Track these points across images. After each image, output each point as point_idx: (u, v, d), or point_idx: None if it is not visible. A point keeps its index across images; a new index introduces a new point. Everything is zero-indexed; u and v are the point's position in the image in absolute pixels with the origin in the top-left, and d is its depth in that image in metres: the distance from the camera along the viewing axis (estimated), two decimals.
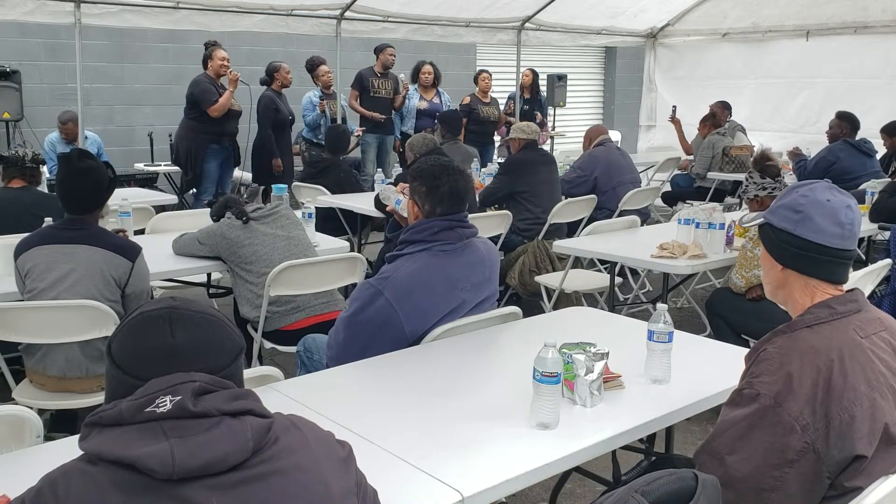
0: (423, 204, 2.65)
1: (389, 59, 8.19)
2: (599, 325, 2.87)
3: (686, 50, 9.91)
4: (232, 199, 3.69)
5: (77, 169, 3.00)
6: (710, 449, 1.75)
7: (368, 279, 2.66)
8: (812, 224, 1.76)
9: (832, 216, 1.75)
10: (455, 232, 2.64)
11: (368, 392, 2.25)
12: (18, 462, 1.76)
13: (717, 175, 7.36)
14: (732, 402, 1.75)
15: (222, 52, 6.92)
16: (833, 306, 1.75)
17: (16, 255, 3.06)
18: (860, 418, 1.60)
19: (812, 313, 1.75)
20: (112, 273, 3.03)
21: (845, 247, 1.77)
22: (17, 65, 7.87)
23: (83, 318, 2.91)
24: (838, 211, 1.76)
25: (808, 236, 1.77)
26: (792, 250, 1.80)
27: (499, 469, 1.75)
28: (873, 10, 8.06)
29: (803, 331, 1.73)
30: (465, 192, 2.66)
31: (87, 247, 3.01)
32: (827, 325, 1.72)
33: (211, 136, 6.92)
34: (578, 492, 3.17)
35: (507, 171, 5.62)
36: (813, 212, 1.76)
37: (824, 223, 1.75)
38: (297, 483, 1.21)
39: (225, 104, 6.77)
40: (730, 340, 3.47)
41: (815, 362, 1.65)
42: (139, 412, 1.14)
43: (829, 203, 1.76)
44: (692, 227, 4.08)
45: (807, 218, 1.77)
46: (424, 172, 2.67)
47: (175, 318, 1.23)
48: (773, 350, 1.73)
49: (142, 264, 3.13)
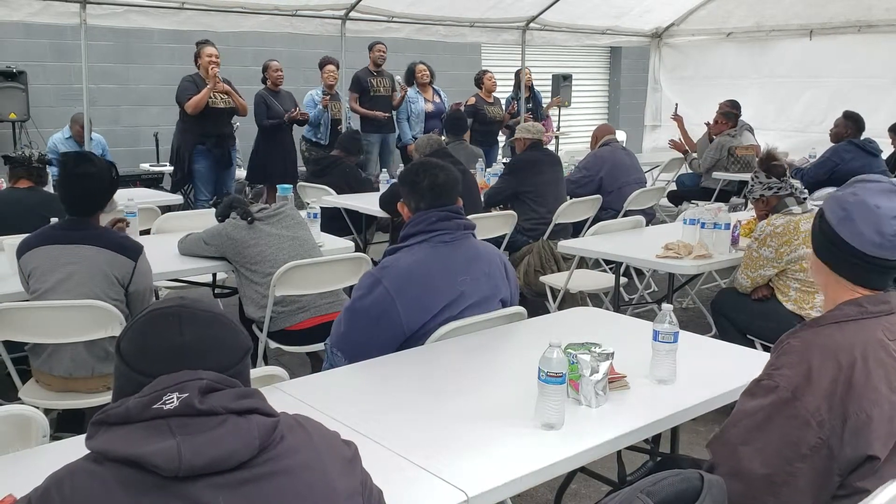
0: (409, 202, 2.73)
1: (379, 56, 8.17)
2: (604, 325, 2.87)
3: (691, 50, 9.90)
4: (237, 200, 3.69)
5: (73, 174, 3.01)
6: (723, 438, 1.74)
7: (370, 270, 2.70)
8: (852, 226, 1.68)
9: (876, 224, 1.65)
10: (453, 222, 2.67)
11: (373, 392, 2.25)
12: (25, 462, 1.77)
13: (722, 175, 7.34)
14: (750, 393, 1.73)
15: (210, 49, 6.79)
16: (864, 305, 1.70)
17: (18, 255, 3.07)
18: (878, 419, 1.58)
19: (841, 310, 1.71)
20: (115, 272, 3.03)
21: (884, 256, 1.67)
22: (23, 65, 7.89)
23: (89, 318, 2.92)
24: (883, 220, 1.65)
25: (845, 237, 1.69)
26: (828, 244, 1.73)
27: (504, 469, 1.75)
28: (877, 9, 8.04)
29: (830, 326, 1.69)
30: (446, 184, 2.69)
31: (90, 247, 3.01)
32: (854, 323, 1.68)
33: (196, 137, 6.87)
34: (584, 492, 3.17)
35: (512, 171, 5.62)
36: (857, 214, 1.68)
37: (865, 228, 1.66)
38: (302, 482, 1.21)
39: (199, 101, 6.64)
40: (735, 341, 3.46)
41: (838, 358, 1.62)
42: (146, 409, 1.14)
43: (878, 210, 1.66)
44: (697, 227, 4.07)
45: (849, 218, 1.68)
46: (406, 174, 2.78)
47: (184, 316, 1.24)
48: (797, 343, 1.70)
49: (144, 263, 3.13)
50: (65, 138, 7.33)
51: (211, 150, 6.95)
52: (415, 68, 8.57)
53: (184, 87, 6.75)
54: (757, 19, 9.03)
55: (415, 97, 8.47)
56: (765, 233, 3.71)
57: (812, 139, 8.28)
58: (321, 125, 7.84)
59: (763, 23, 9.01)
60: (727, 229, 4.01)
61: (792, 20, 8.71)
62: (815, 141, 7.99)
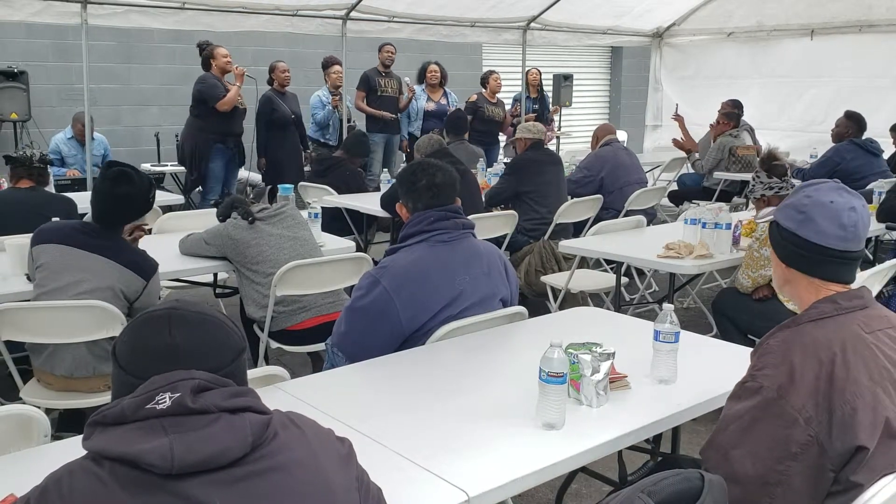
0: (408, 203, 2.74)
1: (388, 57, 8.16)
2: (605, 325, 2.87)
3: (692, 49, 9.90)
4: (238, 200, 3.70)
5: (112, 195, 3.02)
6: (714, 444, 1.75)
7: (369, 270, 2.72)
8: (814, 225, 1.76)
9: (835, 218, 1.74)
10: (451, 221, 2.68)
11: (374, 392, 2.25)
12: (26, 461, 1.77)
13: (723, 175, 7.34)
14: (735, 396, 1.75)
15: (222, 49, 6.87)
16: (838, 301, 1.74)
17: (33, 241, 3.07)
18: (862, 410, 1.60)
19: (816, 308, 1.75)
20: (123, 289, 3.03)
21: (848, 248, 1.76)
22: (24, 65, 7.89)
23: (91, 318, 2.92)
24: (841, 213, 1.74)
25: (810, 237, 1.76)
26: (795, 250, 1.80)
27: (504, 469, 1.75)
28: (878, 8, 8.04)
29: (807, 325, 1.73)
30: (444, 184, 2.70)
31: (105, 259, 3.01)
32: (831, 319, 1.72)
33: (216, 136, 6.92)
34: (584, 492, 3.17)
35: (514, 171, 5.62)
36: (815, 213, 1.76)
37: (826, 225, 1.74)
38: (297, 478, 1.22)
39: (233, 98, 6.77)
40: (736, 340, 3.46)
41: (818, 355, 1.65)
42: (140, 409, 1.16)
43: (833, 205, 1.75)
44: (698, 227, 4.07)
45: (809, 219, 1.76)
46: (403, 175, 2.79)
47: (174, 319, 1.25)
48: (776, 343, 1.73)
49: (155, 283, 3.15)
50: (67, 138, 7.34)
51: (230, 148, 7.03)
52: (427, 67, 8.56)
53: (213, 85, 6.79)
54: (758, 19, 9.03)
55: (419, 94, 8.47)
56: (766, 233, 3.70)
57: (813, 139, 8.28)
58: (329, 126, 7.84)
59: (764, 22, 9.01)
60: (728, 229, 4.01)
61: (793, 20, 8.71)
62: (816, 141, 7.99)
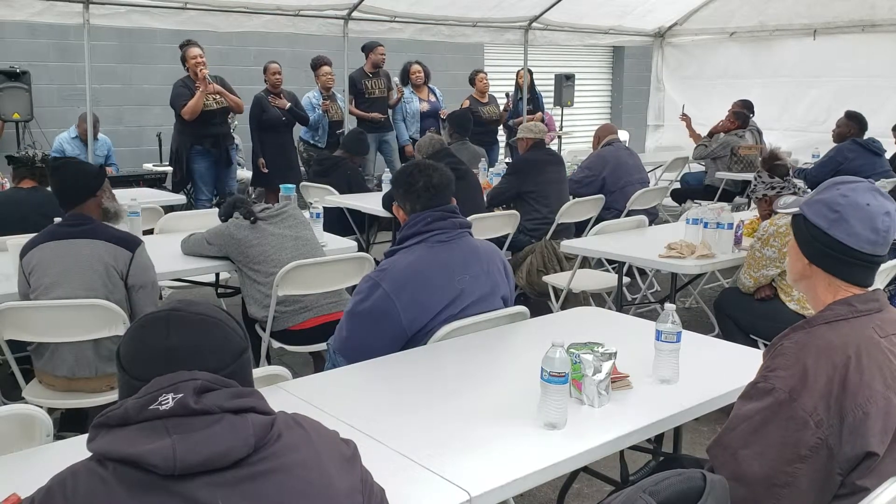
0: (405, 204, 2.74)
1: (380, 59, 8.09)
2: (607, 324, 2.87)
3: (694, 49, 9.89)
4: (240, 200, 3.71)
5: (55, 178, 3.20)
6: (722, 443, 1.74)
7: (368, 273, 2.71)
8: (847, 226, 1.70)
9: (869, 221, 1.69)
10: (448, 221, 2.68)
11: (376, 392, 2.25)
12: (29, 461, 1.78)
13: (725, 175, 7.34)
14: (746, 396, 1.74)
15: (194, 49, 6.75)
16: (854, 304, 1.72)
17: (21, 255, 3.09)
18: (874, 416, 1.59)
19: (832, 310, 1.73)
20: (113, 264, 3.06)
21: (877, 252, 1.72)
22: (26, 65, 7.91)
23: (92, 317, 2.93)
24: (876, 217, 1.69)
25: (841, 238, 1.71)
26: (822, 248, 1.75)
27: (506, 469, 1.75)
28: (881, 8, 8.02)
29: (822, 327, 1.71)
30: (441, 185, 2.70)
31: (89, 240, 3.05)
32: (846, 322, 1.70)
33: (192, 138, 6.88)
34: (586, 492, 3.17)
35: (515, 171, 5.62)
36: (850, 214, 1.70)
37: (860, 227, 1.69)
38: (300, 480, 1.22)
39: (194, 107, 6.65)
40: (738, 340, 3.46)
41: (832, 358, 1.63)
42: (143, 410, 1.16)
43: (869, 207, 1.70)
44: (700, 226, 4.07)
45: (843, 219, 1.71)
46: (400, 176, 2.79)
47: (173, 320, 1.26)
48: (790, 345, 1.71)
49: (142, 256, 3.16)
50: (71, 138, 7.33)
51: (209, 150, 6.96)
52: (409, 68, 8.53)
53: (177, 94, 6.76)
54: (760, 19, 9.02)
55: (409, 97, 8.44)
56: (768, 233, 3.71)
57: (815, 139, 8.28)
58: (319, 128, 7.82)
59: (766, 22, 8.99)
60: (730, 229, 4.01)
61: (795, 20, 8.70)
62: (818, 141, 7.98)
